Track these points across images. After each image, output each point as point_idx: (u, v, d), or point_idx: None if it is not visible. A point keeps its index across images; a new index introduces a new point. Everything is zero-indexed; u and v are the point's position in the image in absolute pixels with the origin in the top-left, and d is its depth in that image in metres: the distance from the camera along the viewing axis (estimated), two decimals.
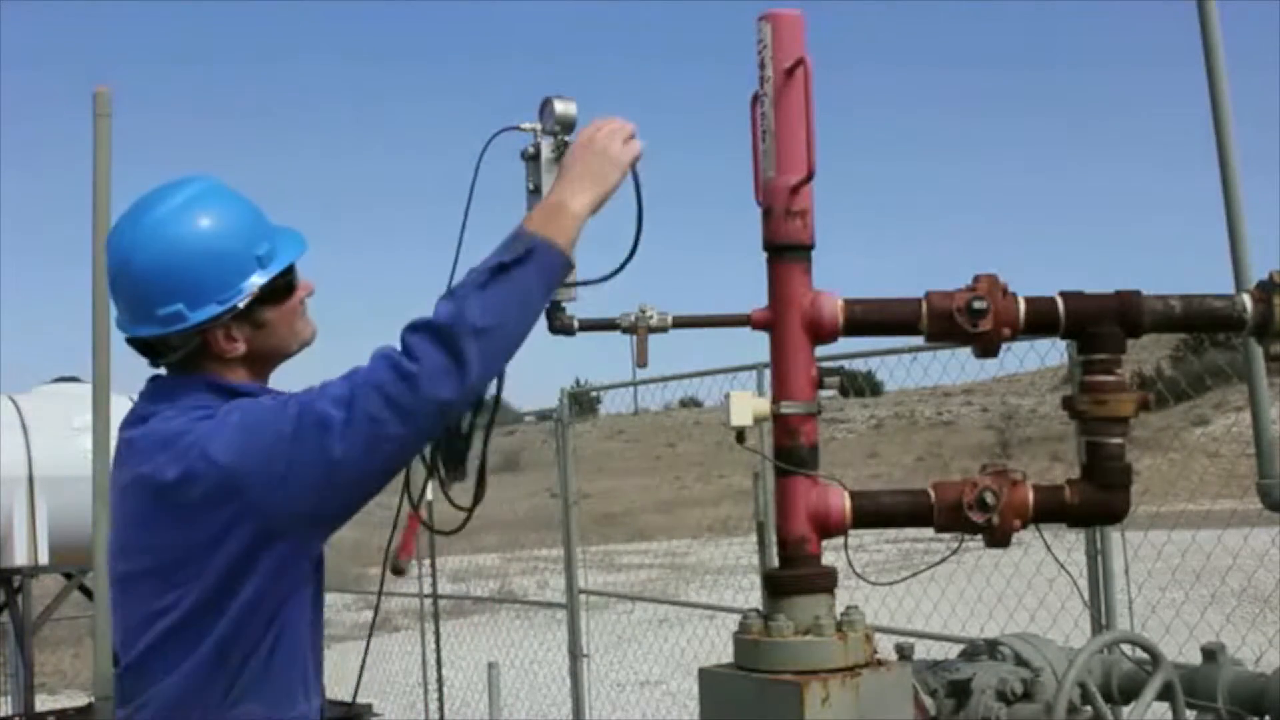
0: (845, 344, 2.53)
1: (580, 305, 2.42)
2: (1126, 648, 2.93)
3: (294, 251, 2.32)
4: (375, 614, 2.48)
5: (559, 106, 2.39)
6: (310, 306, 2.38)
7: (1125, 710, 2.84)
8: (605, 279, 2.36)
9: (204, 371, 2.24)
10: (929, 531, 2.42)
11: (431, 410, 2.07)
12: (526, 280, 2.14)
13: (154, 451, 2.14)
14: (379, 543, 2.44)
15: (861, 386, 7.94)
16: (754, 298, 2.40)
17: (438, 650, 9.46)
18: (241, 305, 2.21)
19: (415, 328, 2.09)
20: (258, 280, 2.22)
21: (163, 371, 2.29)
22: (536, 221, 2.21)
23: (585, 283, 2.35)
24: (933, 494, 2.38)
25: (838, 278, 2.48)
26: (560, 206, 2.22)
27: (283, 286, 2.29)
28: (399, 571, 2.50)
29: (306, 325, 2.37)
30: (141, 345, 2.26)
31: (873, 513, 2.39)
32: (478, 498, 2.46)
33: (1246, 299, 2.45)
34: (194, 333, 2.20)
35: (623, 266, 2.35)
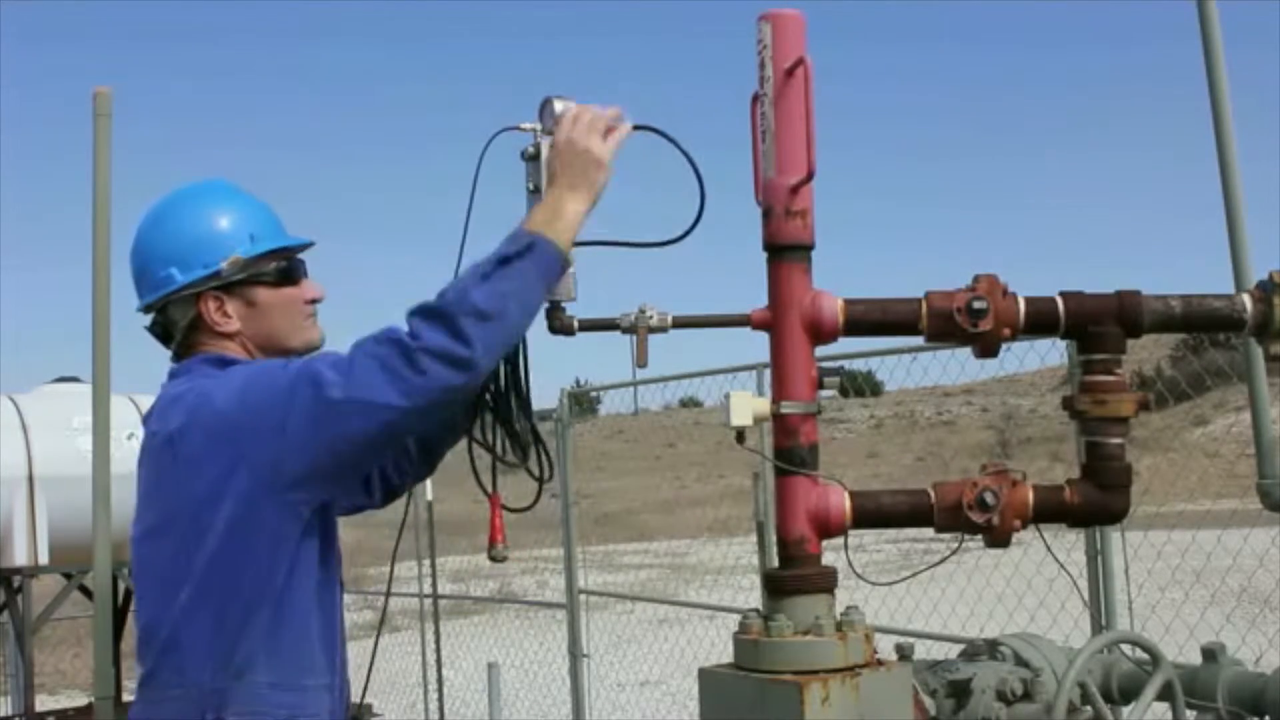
0: (845, 344, 2.53)
1: (580, 305, 2.42)
2: (1126, 648, 2.93)
3: (287, 238, 2.47)
4: (384, 613, 2.48)
5: (559, 106, 2.39)
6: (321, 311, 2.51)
7: (1125, 710, 2.83)
8: (675, 240, 2.41)
9: (205, 349, 2.39)
10: (929, 531, 2.41)
11: (431, 390, 2.12)
12: (526, 273, 2.20)
13: (165, 410, 2.29)
14: (375, 543, 2.45)
15: (861, 386, 7.93)
16: (754, 298, 2.40)
17: (438, 650, 9.46)
18: (224, 267, 2.37)
19: (419, 311, 2.16)
20: (243, 251, 2.39)
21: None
22: (537, 221, 2.26)
23: (658, 243, 2.41)
24: (933, 494, 2.38)
25: (838, 278, 2.47)
26: (557, 209, 2.27)
27: (278, 272, 2.44)
28: (499, 559, 2.53)
29: (313, 327, 2.50)
30: (158, 333, 2.45)
31: (873, 513, 2.38)
32: (542, 471, 2.52)
33: (1246, 299, 2.45)
34: (189, 301, 2.38)
35: (694, 226, 2.39)
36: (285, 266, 2.45)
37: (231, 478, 2.15)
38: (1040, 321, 2.40)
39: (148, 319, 2.49)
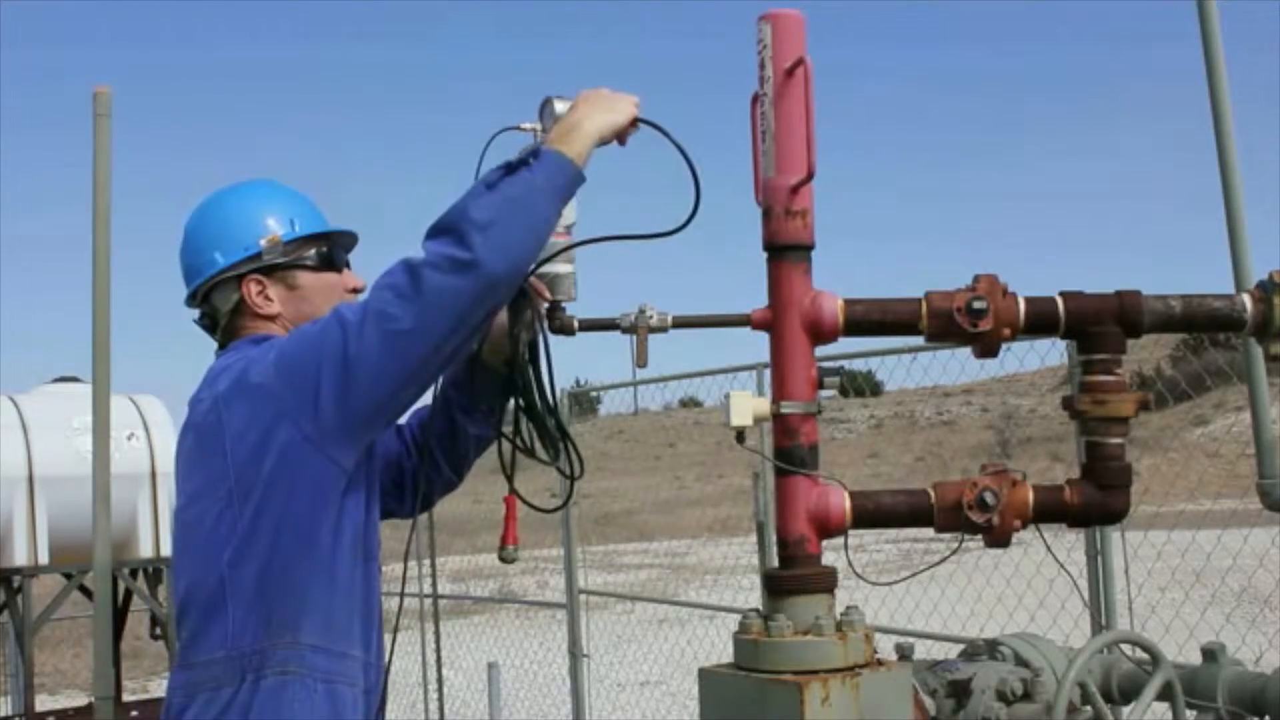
0: (845, 344, 2.53)
1: (580, 305, 2.43)
2: (1126, 648, 2.93)
3: (328, 225, 2.57)
4: (398, 615, 2.49)
5: (559, 106, 2.39)
6: None
7: (1125, 710, 2.84)
8: (672, 232, 2.39)
9: (248, 332, 2.47)
10: (929, 531, 2.41)
11: (441, 304, 2.14)
12: (533, 180, 2.22)
13: (214, 380, 2.34)
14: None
15: (861, 386, 7.94)
16: (754, 298, 2.40)
17: (438, 650, 9.47)
18: (264, 246, 2.47)
19: (427, 231, 2.20)
20: (284, 234, 2.49)
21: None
22: (551, 138, 2.31)
23: (655, 235, 2.39)
24: (933, 494, 2.38)
25: (838, 278, 2.47)
26: (573, 125, 2.31)
27: (319, 257, 2.53)
28: (510, 560, 2.53)
29: None
30: (206, 325, 2.54)
31: (873, 513, 2.38)
32: (573, 468, 2.52)
33: (1246, 299, 2.45)
34: (232, 285, 2.47)
35: (693, 214, 2.37)
36: (326, 252, 2.54)
37: (274, 434, 2.20)
38: (1040, 321, 2.40)
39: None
